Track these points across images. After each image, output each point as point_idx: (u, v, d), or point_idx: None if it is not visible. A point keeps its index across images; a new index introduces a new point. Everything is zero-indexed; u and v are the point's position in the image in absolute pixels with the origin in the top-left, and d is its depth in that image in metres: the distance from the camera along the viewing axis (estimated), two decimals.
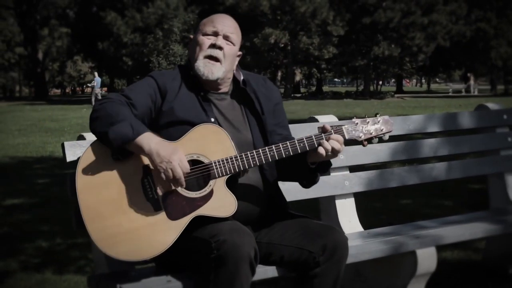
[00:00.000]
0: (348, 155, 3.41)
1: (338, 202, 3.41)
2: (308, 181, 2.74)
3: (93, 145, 2.49)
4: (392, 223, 3.70)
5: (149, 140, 2.41)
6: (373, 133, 2.63)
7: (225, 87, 2.76)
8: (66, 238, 5.33)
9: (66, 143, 2.71)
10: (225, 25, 2.73)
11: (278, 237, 2.64)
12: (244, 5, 40.20)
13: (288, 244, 2.61)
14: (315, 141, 2.54)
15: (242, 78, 2.78)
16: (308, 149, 2.55)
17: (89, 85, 35.80)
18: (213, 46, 2.68)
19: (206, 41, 2.70)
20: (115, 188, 2.45)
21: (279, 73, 51.94)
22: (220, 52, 2.68)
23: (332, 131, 2.55)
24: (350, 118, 3.04)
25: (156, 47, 40.35)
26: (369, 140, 2.63)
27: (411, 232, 3.26)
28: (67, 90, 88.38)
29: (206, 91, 2.72)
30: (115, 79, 62.76)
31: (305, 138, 2.55)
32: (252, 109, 2.76)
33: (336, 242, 2.56)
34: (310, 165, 2.62)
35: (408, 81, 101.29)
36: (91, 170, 2.45)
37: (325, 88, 74.18)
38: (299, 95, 54.09)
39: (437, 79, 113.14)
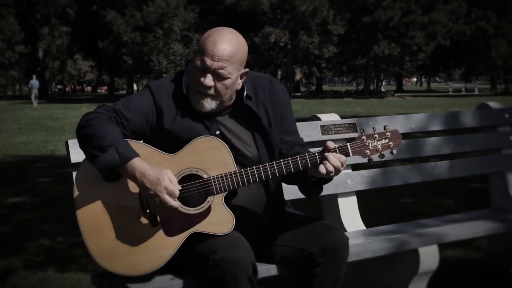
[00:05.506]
0: None
1: (341, 201, 3.41)
2: (311, 193, 2.66)
3: None
4: (392, 221, 3.70)
5: (133, 168, 2.34)
6: (380, 149, 2.52)
7: (228, 105, 2.59)
8: (68, 237, 5.34)
9: (70, 141, 2.69)
10: (215, 56, 2.43)
11: (279, 237, 2.64)
12: (244, 4, 40.16)
13: (289, 244, 2.61)
14: (317, 159, 2.46)
15: (246, 92, 2.59)
16: (310, 166, 2.47)
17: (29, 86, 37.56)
18: (201, 83, 2.46)
19: (195, 73, 2.48)
20: (112, 201, 2.44)
21: (279, 72, 51.94)
22: (210, 89, 2.47)
23: (337, 149, 2.47)
24: (352, 117, 3.05)
25: (156, 46, 40.37)
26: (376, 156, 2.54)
27: (413, 231, 3.26)
28: (67, 89, 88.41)
29: None
30: (115, 78, 62.75)
31: (308, 155, 2.47)
32: (258, 123, 2.62)
33: (336, 242, 2.55)
34: (311, 178, 2.54)
35: (408, 80, 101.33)
36: (88, 182, 2.43)
37: (325, 87, 74.36)
38: (299, 94, 54.23)
39: (437, 78, 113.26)
